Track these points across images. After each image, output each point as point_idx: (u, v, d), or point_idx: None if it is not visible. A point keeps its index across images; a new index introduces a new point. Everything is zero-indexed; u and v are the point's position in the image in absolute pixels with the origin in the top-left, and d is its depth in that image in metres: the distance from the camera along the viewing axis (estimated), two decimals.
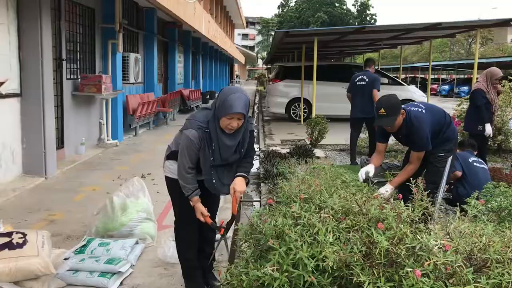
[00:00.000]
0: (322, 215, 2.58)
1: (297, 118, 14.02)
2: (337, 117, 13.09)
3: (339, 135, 10.03)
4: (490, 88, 6.64)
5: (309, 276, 2.16)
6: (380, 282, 2.02)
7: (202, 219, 2.92)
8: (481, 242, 2.22)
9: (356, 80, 7.98)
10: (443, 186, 3.93)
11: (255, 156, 8.69)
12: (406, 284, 1.98)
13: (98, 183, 6.08)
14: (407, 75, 47.08)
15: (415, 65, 40.32)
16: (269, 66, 44.39)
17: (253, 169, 8.22)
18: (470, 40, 53.19)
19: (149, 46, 11.97)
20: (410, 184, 2.67)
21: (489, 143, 8.47)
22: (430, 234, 2.25)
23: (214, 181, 2.90)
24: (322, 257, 2.22)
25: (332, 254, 2.14)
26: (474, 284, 1.99)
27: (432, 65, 38.22)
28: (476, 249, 2.17)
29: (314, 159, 7.47)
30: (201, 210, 2.91)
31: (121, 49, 8.90)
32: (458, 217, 2.63)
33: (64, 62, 7.37)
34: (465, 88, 29.66)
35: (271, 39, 62.72)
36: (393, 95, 4.07)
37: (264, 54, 70.51)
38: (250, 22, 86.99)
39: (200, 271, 3.16)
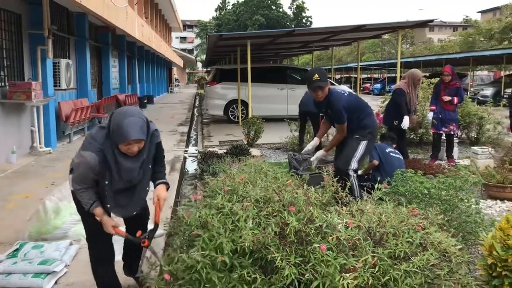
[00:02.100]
0: (244, 204, 2.81)
1: (236, 120, 14.28)
2: (273, 117, 13.48)
3: (275, 134, 10.38)
4: (411, 89, 7.17)
5: (228, 258, 2.37)
6: (291, 258, 2.27)
7: (113, 232, 2.73)
8: (379, 219, 2.53)
9: None
10: (353, 164, 4.42)
11: (193, 158, 8.81)
12: (313, 258, 2.25)
13: (31, 190, 5.99)
14: (342, 75, 48.80)
15: (349, 65, 41.82)
16: (208, 69, 44.46)
17: (192, 170, 8.40)
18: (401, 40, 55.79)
19: (81, 51, 11.77)
20: (322, 172, 2.96)
21: (411, 137, 9.12)
22: (336, 214, 2.54)
23: (109, 205, 2.72)
24: (241, 241, 2.44)
25: (249, 236, 2.36)
26: (372, 255, 2.29)
27: (365, 65, 39.94)
28: (375, 225, 2.48)
29: (249, 157, 7.72)
30: (110, 224, 2.71)
31: (51, 55, 8.72)
32: (366, 200, 2.95)
33: None
34: None
35: None
36: (321, 68, 4.70)
37: (203, 57, 70.45)
38: (188, 25, 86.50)
39: (115, 285, 2.99)
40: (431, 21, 10.82)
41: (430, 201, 3.54)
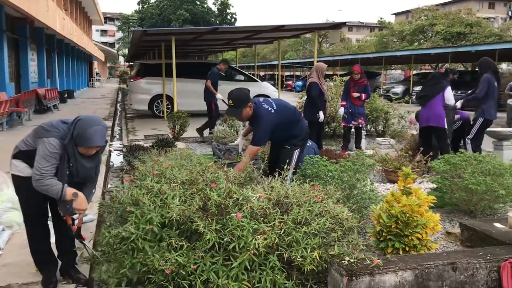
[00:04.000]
0: (171, 185, 3.20)
1: (161, 114, 14.41)
2: (198, 113, 13.79)
3: None
4: (322, 80, 7.89)
5: (157, 229, 2.76)
6: (212, 226, 2.71)
7: (86, 208, 2.99)
8: (286, 193, 3.04)
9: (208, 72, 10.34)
10: (290, 172, 4.46)
11: (118, 152, 8.93)
12: (231, 225, 2.70)
13: None
14: (267, 72, 49.90)
15: (272, 63, 42.91)
16: (131, 63, 43.54)
17: (117, 163, 8.54)
18: (320, 40, 57.86)
19: None
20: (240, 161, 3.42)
21: (326, 130, 9.88)
22: (251, 189, 3.01)
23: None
24: (169, 214, 2.84)
25: (175, 207, 2.77)
26: (279, 220, 2.79)
27: (287, 63, 41.22)
28: (282, 197, 2.98)
29: (175, 150, 8.02)
30: (85, 200, 2.97)
31: None
32: (276, 179, 3.45)
33: None
34: None
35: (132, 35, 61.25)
36: (244, 89, 4.43)
37: (126, 51, 68.71)
38: (109, 18, 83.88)
39: (54, 263, 3.23)
40: (344, 23, 11.72)
41: (333, 182, 4.13)
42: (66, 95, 20.02)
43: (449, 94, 6.76)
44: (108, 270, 2.78)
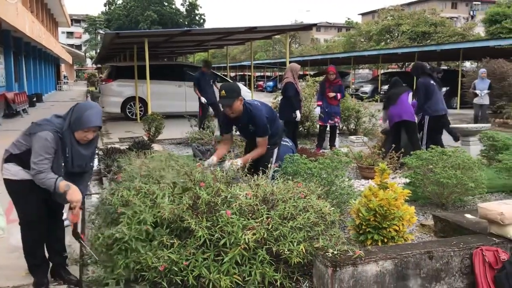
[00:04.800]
0: (160, 185, 3.28)
1: (134, 117, 14.34)
2: (173, 114, 13.79)
3: (175, 130, 10.75)
4: (296, 80, 8.08)
5: (150, 229, 2.84)
6: (202, 223, 2.81)
7: (78, 203, 2.99)
8: (272, 190, 3.17)
9: None
10: (272, 169, 4.64)
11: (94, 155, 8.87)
12: (221, 221, 2.81)
13: None
14: (237, 73, 49.99)
15: (243, 63, 43.03)
16: (99, 65, 42.88)
17: (94, 167, 8.49)
18: (290, 40, 58.38)
19: None
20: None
21: (300, 129, 10.08)
22: (238, 187, 3.12)
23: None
24: (160, 215, 2.93)
25: (167, 206, 2.86)
26: (266, 216, 2.92)
27: (258, 64, 41.44)
28: (268, 194, 3.11)
29: (153, 152, 8.05)
30: (79, 193, 3.00)
31: None
32: (261, 177, 3.57)
33: None
34: None
35: (99, 37, 60.47)
36: (234, 83, 4.76)
37: (93, 53, 67.66)
38: (75, 20, 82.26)
39: (46, 265, 3.28)
40: (315, 25, 11.97)
41: (312, 179, 4.28)
42: (35, 99, 19.65)
43: (410, 97, 7.18)
44: (104, 271, 2.84)
